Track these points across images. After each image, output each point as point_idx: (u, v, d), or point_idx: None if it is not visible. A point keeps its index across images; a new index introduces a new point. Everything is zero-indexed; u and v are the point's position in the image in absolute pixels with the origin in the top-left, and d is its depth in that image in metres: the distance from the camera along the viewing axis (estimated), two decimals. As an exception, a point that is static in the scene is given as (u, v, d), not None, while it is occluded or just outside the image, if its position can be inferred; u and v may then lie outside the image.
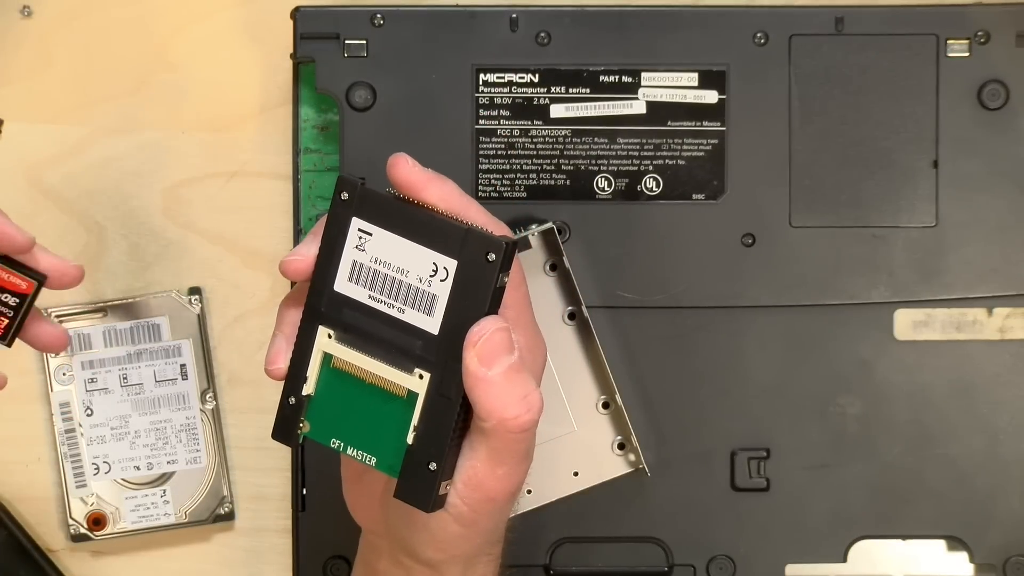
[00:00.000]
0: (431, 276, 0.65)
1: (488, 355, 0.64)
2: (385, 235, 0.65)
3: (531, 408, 0.64)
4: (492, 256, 0.64)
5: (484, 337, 0.64)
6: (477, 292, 0.64)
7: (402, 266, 0.65)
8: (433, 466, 0.65)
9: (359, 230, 0.65)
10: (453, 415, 0.65)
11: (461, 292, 0.64)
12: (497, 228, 0.66)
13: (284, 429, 0.67)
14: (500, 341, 0.64)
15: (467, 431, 0.66)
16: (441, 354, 0.65)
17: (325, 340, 0.66)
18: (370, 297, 0.65)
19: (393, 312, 0.65)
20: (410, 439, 0.65)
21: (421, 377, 0.65)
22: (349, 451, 0.66)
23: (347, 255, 0.65)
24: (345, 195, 0.65)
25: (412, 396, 0.65)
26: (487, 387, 0.64)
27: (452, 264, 0.64)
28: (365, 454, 0.66)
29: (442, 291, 0.64)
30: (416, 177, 0.65)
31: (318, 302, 0.66)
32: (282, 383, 0.67)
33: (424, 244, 0.65)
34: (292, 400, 0.67)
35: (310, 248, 0.66)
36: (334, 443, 0.66)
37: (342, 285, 0.66)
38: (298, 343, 0.67)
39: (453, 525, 0.66)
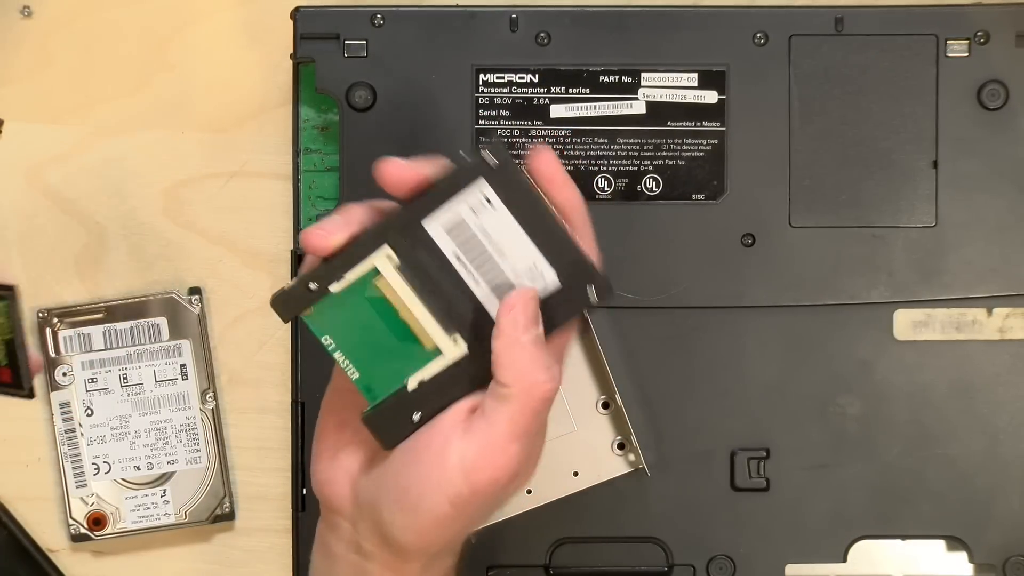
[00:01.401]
0: (525, 272, 0.65)
1: (523, 321, 0.64)
2: (505, 214, 0.65)
3: (554, 379, 0.65)
4: (593, 295, 0.65)
5: (523, 302, 0.65)
6: (556, 309, 0.65)
7: (503, 248, 0.65)
8: (417, 417, 0.65)
9: (483, 194, 0.65)
10: (465, 390, 0.65)
11: (542, 300, 0.65)
12: (596, 261, 0.67)
13: (287, 303, 0.66)
14: (535, 311, 0.65)
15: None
16: (488, 338, 0.65)
17: (384, 258, 0.65)
18: (455, 255, 0.65)
19: (468, 280, 0.65)
20: (412, 384, 0.65)
21: (456, 343, 0.65)
22: (337, 355, 0.66)
23: (456, 207, 0.65)
24: (490, 157, 0.65)
25: (436, 353, 0.65)
26: (520, 351, 0.64)
27: (551, 276, 0.65)
28: (352, 366, 0.66)
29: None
30: (561, 176, 0.66)
31: (400, 224, 0.65)
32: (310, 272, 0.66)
33: (537, 244, 0.65)
34: (313, 286, 0.65)
35: (337, 228, 0.66)
36: (327, 340, 0.66)
37: (434, 228, 0.65)
38: (357, 242, 0.65)
39: (445, 506, 0.65)
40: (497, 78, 0.80)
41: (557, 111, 0.80)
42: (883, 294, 0.80)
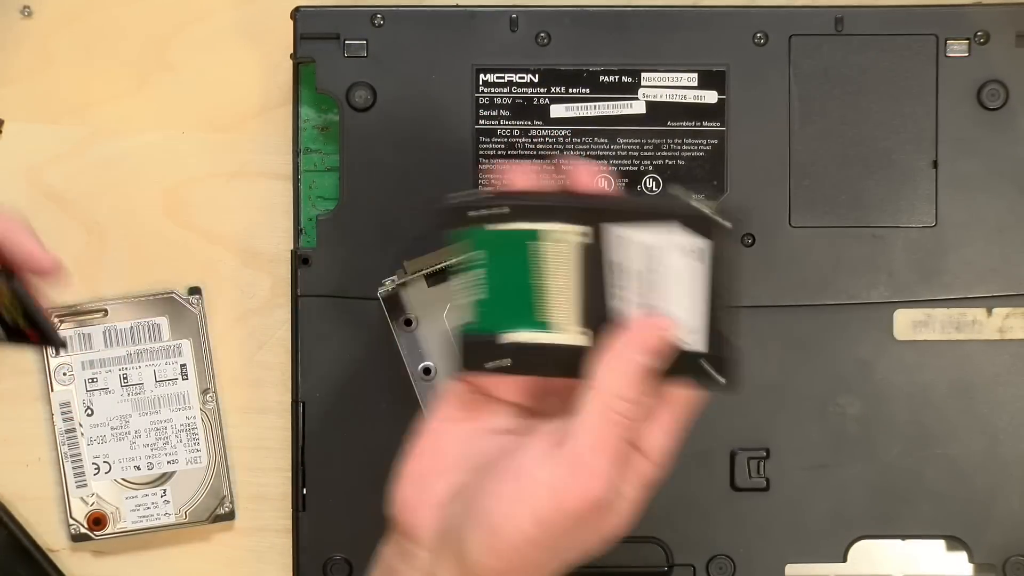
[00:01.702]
0: (682, 325, 0.65)
1: (639, 341, 0.64)
2: (702, 274, 0.64)
3: (638, 404, 0.64)
4: (720, 378, 0.66)
5: (650, 327, 0.64)
6: (685, 366, 0.65)
7: (680, 298, 0.65)
8: (507, 364, 0.66)
9: (699, 248, 0.64)
10: (561, 372, 0.65)
11: (678, 350, 0.65)
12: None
13: (458, 212, 0.66)
14: (658, 342, 0.64)
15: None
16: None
17: (578, 233, 0.65)
18: (637, 272, 0.65)
19: (630, 296, 0.65)
20: (524, 338, 0.65)
21: (583, 334, 0.65)
22: (479, 270, 0.65)
23: (669, 237, 0.64)
24: (728, 224, 0.64)
25: (559, 328, 0.65)
26: (617, 361, 0.64)
27: (700, 342, 0.65)
28: (484, 286, 0.65)
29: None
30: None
31: (609, 216, 0.65)
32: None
33: (708, 313, 0.65)
34: (505, 211, 0.65)
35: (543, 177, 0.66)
36: (480, 254, 0.65)
37: (636, 239, 0.64)
38: (559, 198, 0.65)
39: (529, 525, 0.63)
40: (497, 78, 0.80)
41: (557, 111, 0.80)
42: (883, 294, 0.80)
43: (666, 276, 0.64)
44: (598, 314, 0.65)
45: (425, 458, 0.67)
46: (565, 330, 0.65)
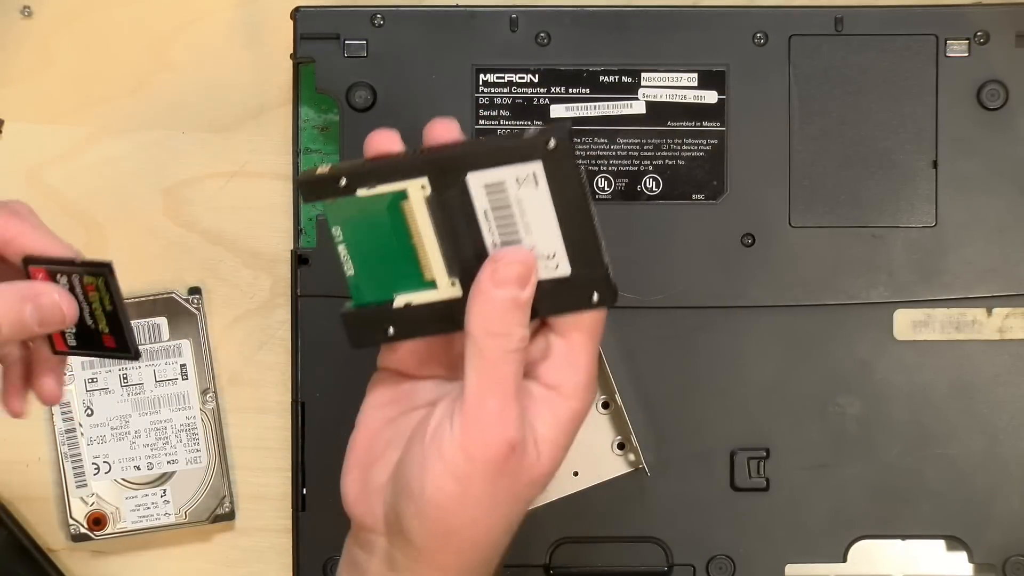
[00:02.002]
0: (542, 253, 0.65)
1: (501, 276, 0.64)
2: (545, 197, 0.64)
3: (520, 340, 0.64)
4: (596, 298, 0.65)
5: (508, 260, 0.64)
6: (557, 297, 0.65)
7: (531, 226, 0.65)
8: (391, 332, 0.66)
9: (533, 171, 0.65)
10: (442, 329, 0.66)
11: (547, 282, 0.65)
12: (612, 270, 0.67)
13: (313, 188, 0.66)
14: (520, 273, 0.64)
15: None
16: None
17: (418, 187, 0.65)
18: (484, 212, 0.65)
19: (487, 238, 0.65)
20: (399, 302, 0.66)
21: (453, 285, 0.65)
22: (341, 248, 0.66)
23: (504, 171, 0.65)
24: (553, 141, 0.64)
25: (432, 286, 0.66)
26: (485, 302, 0.64)
27: (565, 267, 0.65)
28: (350, 263, 0.66)
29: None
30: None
31: (445, 165, 0.65)
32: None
33: (563, 235, 0.65)
34: (343, 182, 0.66)
35: (395, 142, 0.66)
36: (337, 231, 0.66)
37: (474, 181, 0.65)
38: (397, 162, 0.66)
39: (448, 481, 0.64)
40: (497, 78, 0.80)
41: (557, 111, 0.80)
42: (883, 294, 0.80)
43: (511, 209, 0.65)
44: (463, 263, 0.66)
45: (362, 448, 0.68)
46: (437, 286, 0.66)
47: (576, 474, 0.79)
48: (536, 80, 0.80)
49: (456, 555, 0.66)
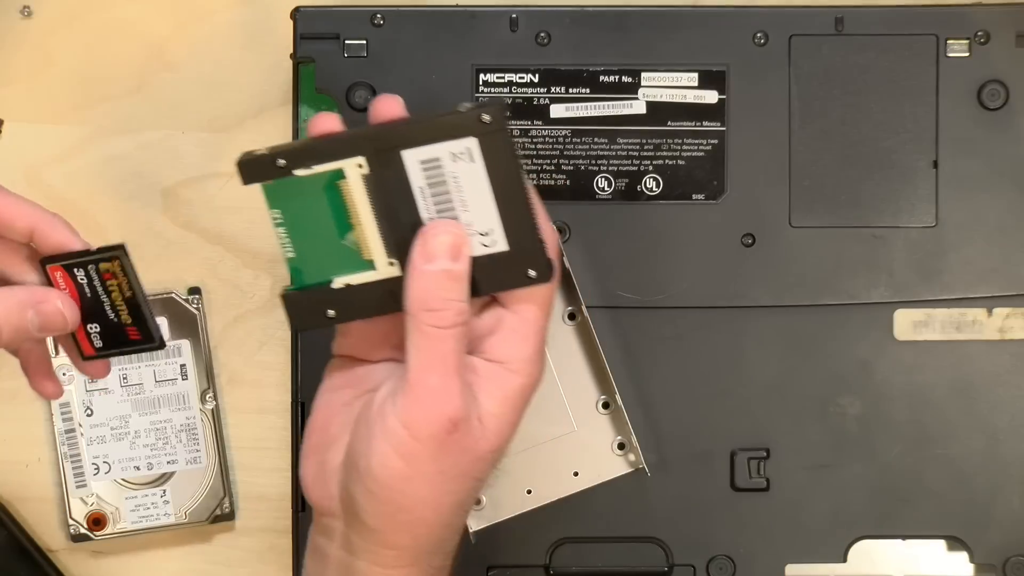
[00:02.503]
0: (479, 229, 0.65)
1: (432, 250, 0.65)
2: (481, 172, 0.65)
3: (459, 313, 0.65)
4: (532, 273, 0.66)
5: (436, 233, 0.65)
6: (495, 273, 0.66)
7: (467, 202, 0.65)
8: (331, 314, 0.67)
9: (468, 147, 0.65)
10: (382, 310, 0.66)
11: (484, 258, 0.66)
12: (551, 245, 0.67)
13: (251, 169, 0.67)
14: (451, 246, 0.65)
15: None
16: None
17: (354, 167, 0.66)
18: (420, 189, 0.65)
19: (424, 215, 0.66)
20: (337, 284, 0.67)
21: (392, 265, 0.66)
22: (281, 230, 0.67)
23: (438, 148, 0.65)
24: (487, 116, 0.65)
25: (371, 267, 0.66)
26: (419, 277, 0.65)
27: (502, 243, 0.66)
28: (290, 245, 0.67)
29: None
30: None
31: (380, 143, 0.66)
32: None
33: (499, 210, 0.65)
34: (281, 162, 0.66)
35: (337, 124, 0.67)
36: (276, 214, 0.67)
37: (410, 158, 0.65)
38: (334, 142, 0.66)
39: (395, 460, 0.65)
40: (497, 78, 0.80)
41: (557, 111, 0.80)
42: (883, 294, 0.80)
43: (447, 185, 0.65)
44: (402, 242, 0.66)
45: (318, 432, 0.69)
46: (376, 266, 0.66)
47: (576, 474, 0.79)
48: (536, 80, 0.80)
49: (409, 534, 0.66)
